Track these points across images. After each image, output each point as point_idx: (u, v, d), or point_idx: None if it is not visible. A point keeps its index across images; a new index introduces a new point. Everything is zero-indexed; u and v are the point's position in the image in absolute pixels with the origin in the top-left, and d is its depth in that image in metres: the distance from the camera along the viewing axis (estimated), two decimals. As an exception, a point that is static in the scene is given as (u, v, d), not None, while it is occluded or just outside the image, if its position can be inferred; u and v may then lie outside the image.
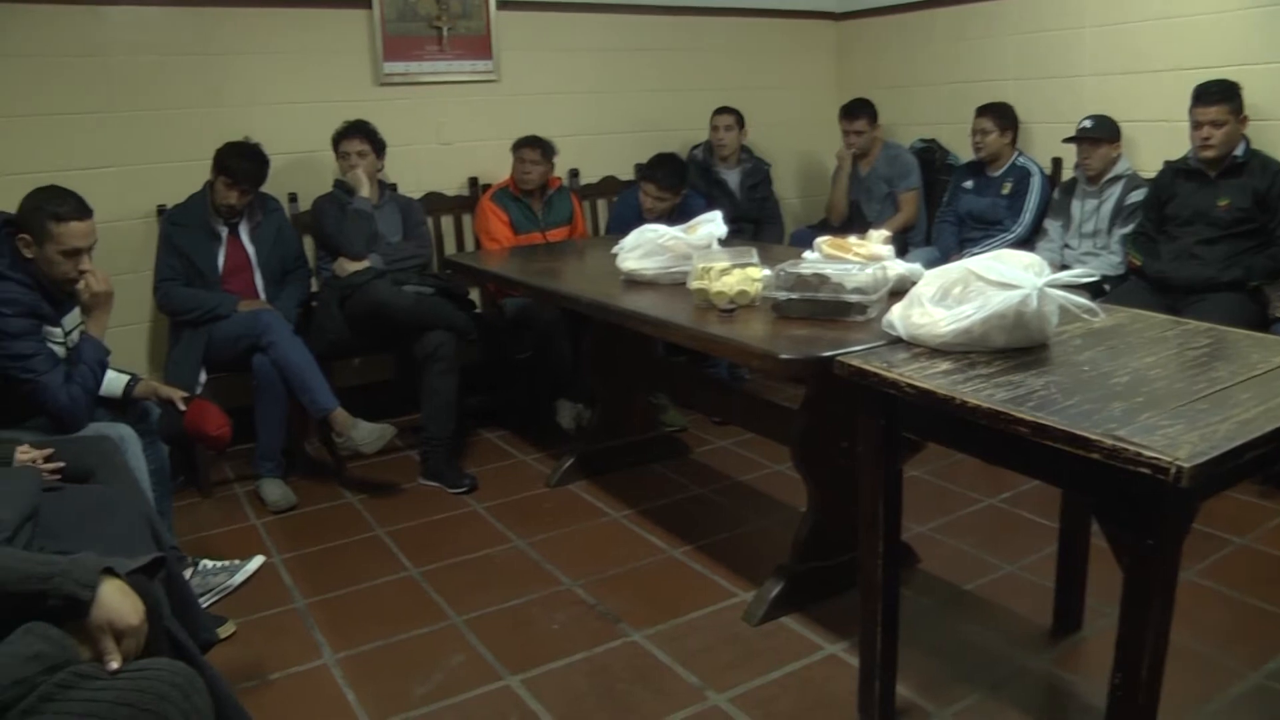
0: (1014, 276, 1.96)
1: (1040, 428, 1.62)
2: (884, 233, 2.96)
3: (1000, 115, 4.56)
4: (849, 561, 2.70)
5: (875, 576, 2.14)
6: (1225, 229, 3.67)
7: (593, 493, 3.74)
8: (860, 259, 2.71)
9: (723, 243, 3.23)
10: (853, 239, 2.88)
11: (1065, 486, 2.20)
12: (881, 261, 2.68)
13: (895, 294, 2.45)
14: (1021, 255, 2.09)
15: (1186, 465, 1.42)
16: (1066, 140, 4.24)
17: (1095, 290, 3.69)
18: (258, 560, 3.17)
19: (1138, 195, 4.04)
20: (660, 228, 3.24)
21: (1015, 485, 3.54)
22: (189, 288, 3.81)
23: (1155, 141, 4.19)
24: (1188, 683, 2.31)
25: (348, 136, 4.11)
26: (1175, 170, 3.86)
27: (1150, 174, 4.04)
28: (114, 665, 1.48)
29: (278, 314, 3.76)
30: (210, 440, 3.20)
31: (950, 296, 2.06)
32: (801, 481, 2.88)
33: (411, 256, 4.19)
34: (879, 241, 2.85)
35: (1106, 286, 3.93)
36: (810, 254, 2.86)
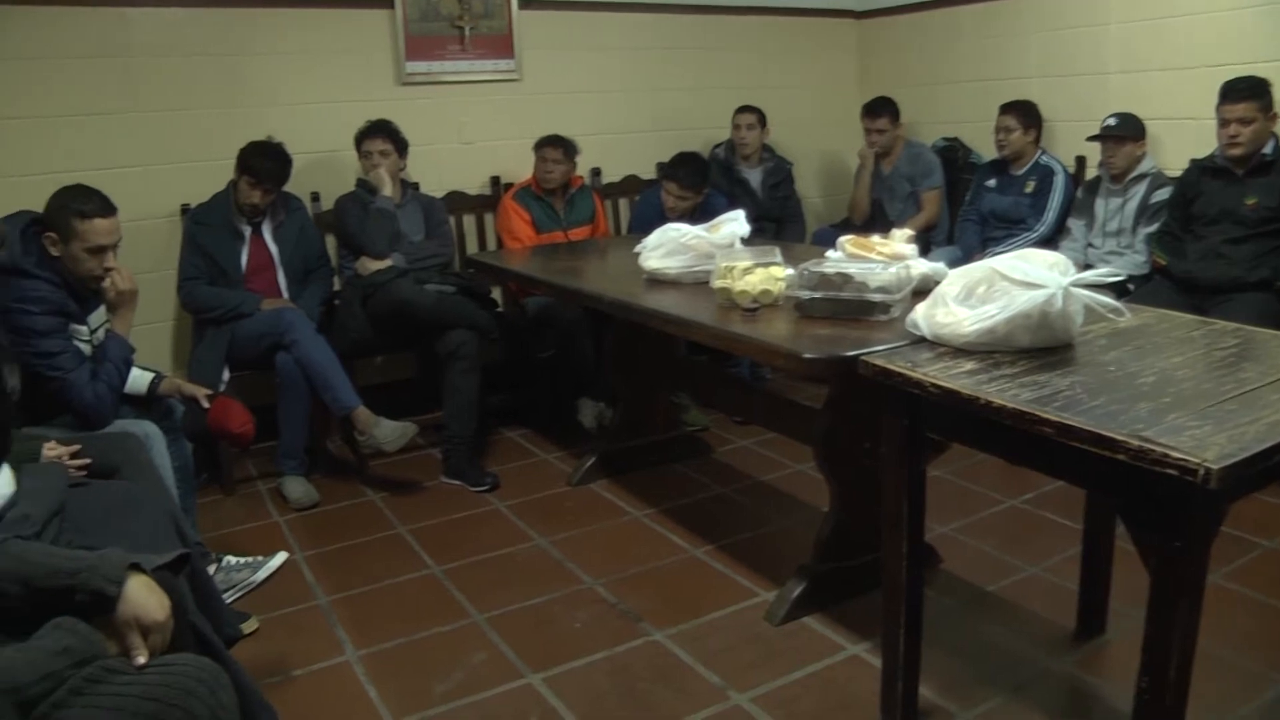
0: (1039, 276, 1.95)
1: (1066, 428, 1.61)
2: (907, 232, 2.95)
3: (1024, 113, 4.53)
4: (871, 561, 2.68)
5: (899, 577, 2.13)
6: (1253, 228, 3.63)
7: (614, 492, 3.74)
8: (884, 258, 2.69)
9: (745, 242, 3.21)
10: (876, 238, 2.86)
11: (1091, 488, 2.19)
12: (905, 261, 2.67)
13: (918, 293, 2.44)
14: (1046, 254, 2.08)
15: (1215, 467, 1.40)
16: (1090, 138, 4.20)
17: (1119, 290, 3.67)
18: (281, 557, 3.19)
19: (1163, 194, 4.01)
20: (683, 227, 3.24)
21: (1038, 486, 3.51)
22: (212, 286, 3.84)
23: (1181, 139, 4.15)
24: (1214, 688, 2.28)
25: (370, 136, 4.13)
26: (1202, 168, 3.82)
27: (1175, 172, 4.01)
28: (140, 660, 1.49)
29: (300, 312, 3.78)
30: (233, 438, 3.21)
31: (974, 296, 2.05)
32: (823, 481, 2.87)
33: (433, 255, 4.20)
34: (902, 240, 2.83)
35: (1131, 286, 3.90)
36: (833, 253, 2.85)
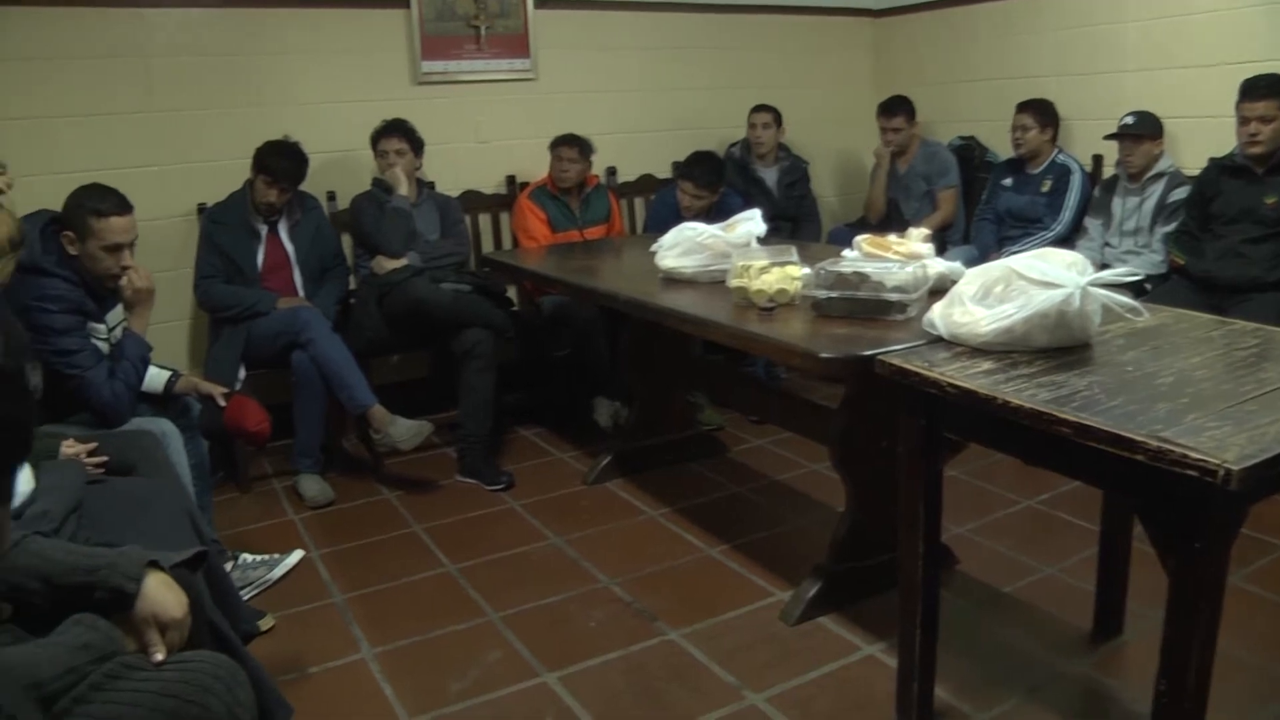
0: (1056, 275, 1.94)
1: (1084, 429, 1.60)
2: (924, 231, 2.94)
3: (1040, 112, 4.52)
4: (887, 561, 2.67)
5: (915, 577, 2.12)
6: (1272, 227, 3.60)
7: (630, 491, 3.74)
8: (900, 257, 2.69)
9: (761, 241, 3.21)
10: (892, 237, 2.85)
11: (1109, 488, 2.18)
12: (921, 260, 2.66)
13: (935, 293, 2.43)
14: (1064, 254, 2.06)
15: (1235, 468, 1.39)
16: (1108, 137, 4.18)
17: (1137, 290, 3.64)
18: (297, 555, 3.20)
19: (1180, 193, 3.99)
20: (699, 226, 3.24)
21: (1054, 486, 3.50)
22: (229, 285, 3.86)
23: (1199, 138, 4.13)
24: (1234, 690, 2.27)
25: (386, 135, 4.14)
26: (1221, 167, 3.80)
27: (1193, 171, 3.98)
28: (159, 657, 1.50)
29: (316, 311, 3.79)
30: (249, 436, 3.23)
31: (992, 295, 2.04)
32: (839, 481, 2.86)
33: (449, 254, 4.21)
34: (919, 240, 2.83)
35: (1148, 286, 3.88)
36: (850, 252, 2.84)
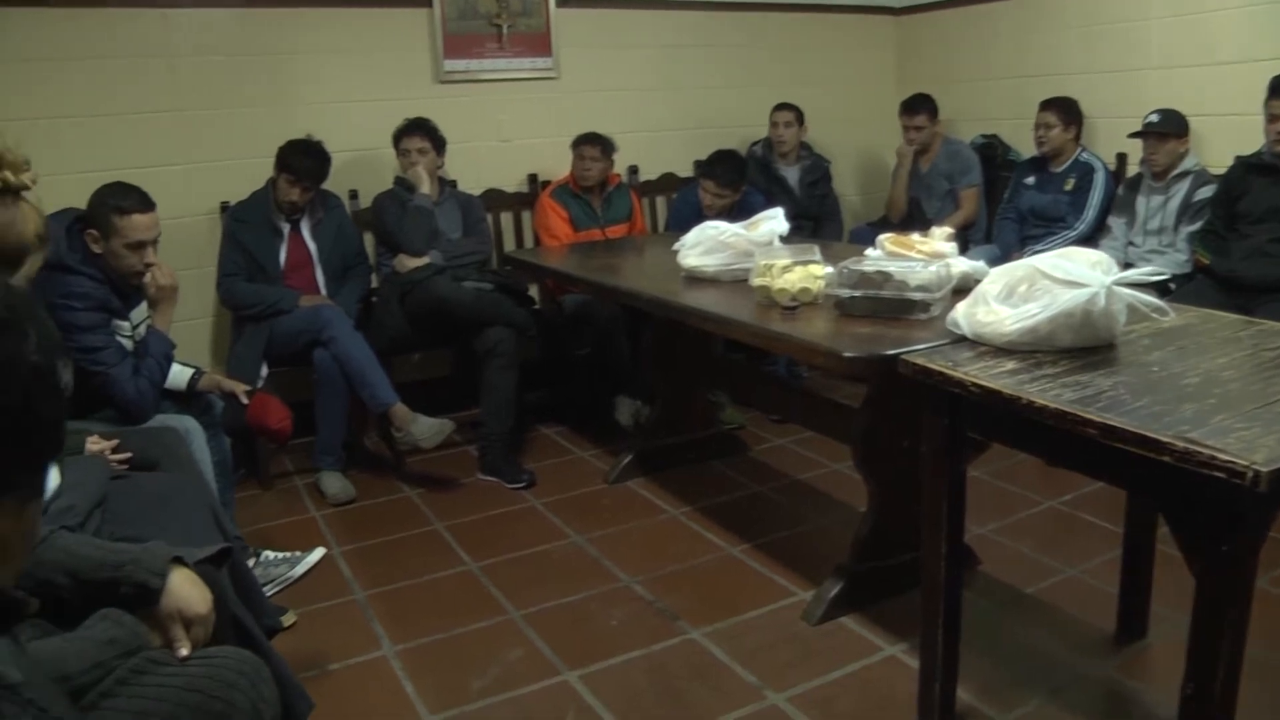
0: (1081, 274, 1.92)
1: (1109, 429, 1.58)
2: (947, 230, 2.93)
3: (1064, 110, 4.49)
4: (909, 561, 2.68)
5: (938, 578, 2.11)
6: (1300, 226, 3.58)
7: (651, 490, 3.74)
8: (923, 256, 2.68)
9: (784, 240, 3.21)
10: (915, 236, 2.85)
11: (1134, 490, 2.16)
12: (945, 259, 2.65)
13: (958, 292, 2.41)
14: (1089, 253, 2.05)
15: (1264, 469, 1.37)
16: (1132, 135, 4.15)
17: (1161, 289, 3.58)
18: (318, 552, 3.22)
19: (1206, 192, 3.95)
20: (722, 224, 3.24)
21: (1076, 487, 3.47)
22: (251, 283, 3.88)
23: (1225, 136, 4.09)
24: (1262, 695, 2.23)
25: (408, 134, 4.15)
26: (1247, 165, 3.76)
27: (1219, 170, 3.95)
28: (183, 652, 1.50)
29: (338, 309, 3.80)
30: (272, 433, 3.24)
31: (1016, 294, 2.02)
32: (861, 480, 2.85)
33: (471, 253, 4.22)
34: (942, 239, 2.82)
35: (1172, 285, 3.84)
36: (873, 251, 2.83)
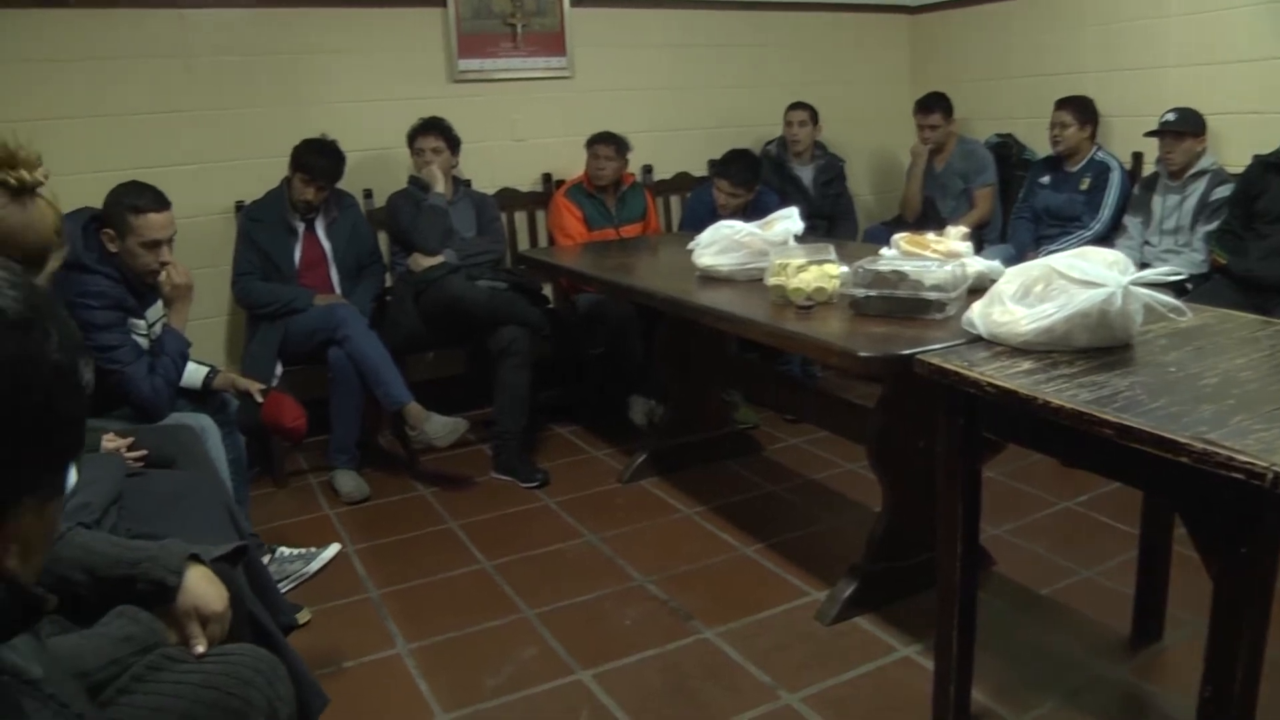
0: (1098, 274, 1.91)
1: (1126, 430, 1.57)
2: (963, 229, 2.92)
3: (1080, 109, 4.47)
4: (924, 562, 2.67)
5: (953, 578, 2.11)
6: (1319, 227, 3.55)
7: (665, 489, 3.74)
8: (939, 256, 2.67)
9: (799, 239, 3.20)
10: (931, 235, 2.83)
11: (1151, 491, 2.15)
12: (960, 258, 2.64)
13: (974, 292, 2.40)
14: (1105, 253, 2.04)
15: (1284, 471, 1.36)
16: (1148, 134, 4.12)
17: (1178, 289, 3.57)
18: (333, 548, 3.23)
19: (1223, 191, 3.93)
20: (737, 224, 3.23)
21: (1091, 488, 3.46)
22: (266, 282, 3.89)
23: (1242, 135, 4.06)
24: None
25: (423, 133, 4.15)
26: (1266, 164, 3.73)
27: (1236, 169, 3.92)
28: (200, 649, 1.50)
29: (353, 308, 3.81)
30: (286, 432, 3.26)
31: (1032, 294, 2.01)
32: (875, 480, 2.84)
33: (485, 252, 4.22)
34: (957, 238, 2.81)
35: (1189, 285, 3.82)
36: (888, 250, 2.83)
